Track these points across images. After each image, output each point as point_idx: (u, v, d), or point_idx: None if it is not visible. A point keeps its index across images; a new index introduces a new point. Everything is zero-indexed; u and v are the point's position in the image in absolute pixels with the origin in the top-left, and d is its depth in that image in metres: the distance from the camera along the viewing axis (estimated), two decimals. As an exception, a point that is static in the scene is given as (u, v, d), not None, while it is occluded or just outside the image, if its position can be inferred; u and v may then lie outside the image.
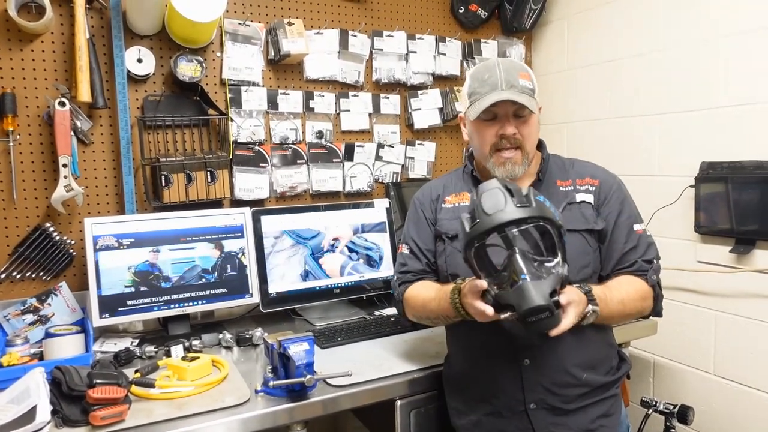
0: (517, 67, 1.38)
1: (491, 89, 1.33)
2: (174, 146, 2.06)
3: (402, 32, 2.47)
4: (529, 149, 1.39)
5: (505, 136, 1.36)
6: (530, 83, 1.36)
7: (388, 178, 2.50)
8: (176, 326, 1.91)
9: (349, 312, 2.13)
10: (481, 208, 1.13)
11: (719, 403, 2.09)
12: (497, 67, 1.36)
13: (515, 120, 1.36)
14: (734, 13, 1.98)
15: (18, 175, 1.85)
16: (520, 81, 1.34)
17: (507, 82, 1.33)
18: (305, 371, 1.35)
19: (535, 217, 1.12)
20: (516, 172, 1.38)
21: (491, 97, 1.32)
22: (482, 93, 1.35)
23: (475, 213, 1.14)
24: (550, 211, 1.15)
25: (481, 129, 1.39)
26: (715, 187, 2.01)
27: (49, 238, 1.87)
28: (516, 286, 1.09)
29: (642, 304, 1.36)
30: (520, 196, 1.13)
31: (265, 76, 2.23)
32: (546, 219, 1.13)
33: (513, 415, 1.36)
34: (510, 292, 1.10)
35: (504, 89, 1.32)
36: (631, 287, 1.35)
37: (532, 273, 1.10)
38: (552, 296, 1.09)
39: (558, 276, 1.13)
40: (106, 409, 1.28)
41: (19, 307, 1.80)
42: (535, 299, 1.07)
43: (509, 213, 1.11)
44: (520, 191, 1.15)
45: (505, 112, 1.36)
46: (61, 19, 1.88)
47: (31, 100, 1.86)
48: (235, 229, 1.99)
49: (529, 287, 1.08)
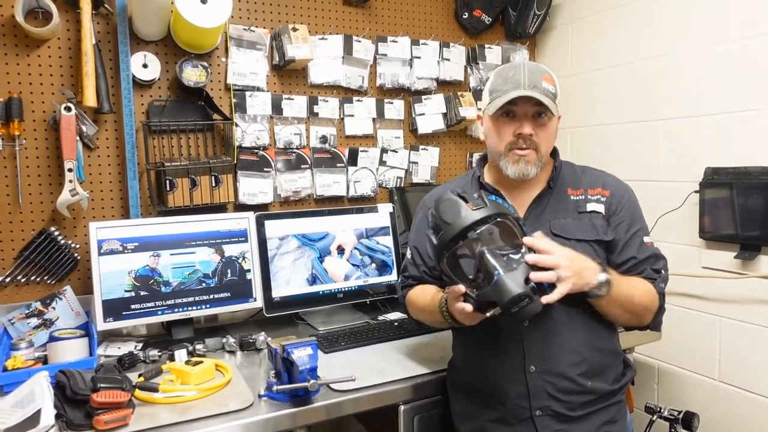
0: (542, 70, 1.39)
1: (513, 87, 1.34)
2: (179, 151, 2.07)
3: (406, 38, 2.48)
4: (543, 152, 1.39)
5: (522, 135, 1.36)
6: (553, 87, 1.37)
7: (392, 182, 2.50)
8: (180, 330, 1.91)
9: (353, 317, 2.13)
10: (441, 219, 1.23)
11: (724, 409, 2.08)
12: (522, 67, 1.37)
13: (534, 122, 1.37)
14: (739, 18, 1.98)
15: (24, 179, 1.86)
16: (543, 83, 1.34)
17: (530, 82, 1.34)
18: (309, 376, 1.35)
19: (493, 215, 1.20)
20: (528, 171, 1.37)
21: (513, 93, 1.33)
22: (504, 90, 1.35)
23: (438, 225, 1.23)
24: (504, 207, 1.25)
25: (499, 126, 1.40)
26: (720, 192, 2.01)
27: (54, 242, 1.88)
28: (492, 283, 1.16)
29: (648, 303, 1.36)
30: (474, 200, 1.22)
31: (270, 82, 2.24)
32: (502, 214, 1.22)
33: (518, 422, 1.36)
34: (488, 290, 1.17)
35: (526, 88, 1.33)
36: (642, 285, 1.36)
37: (504, 266, 1.16)
38: (527, 283, 1.15)
39: (526, 264, 1.18)
40: (109, 413, 1.28)
41: (24, 311, 1.81)
42: (512, 290, 1.13)
43: (468, 217, 1.20)
44: (473, 195, 1.24)
45: (524, 111, 1.36)
46: (67, 25, 1.90)
47: (37, 105, 1.88)
48: (239, 234, 1.99)
49: (504, 280, 1.14)
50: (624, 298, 1.31)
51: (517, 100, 1.34)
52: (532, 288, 1.15)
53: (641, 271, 1.38)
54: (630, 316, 1.36)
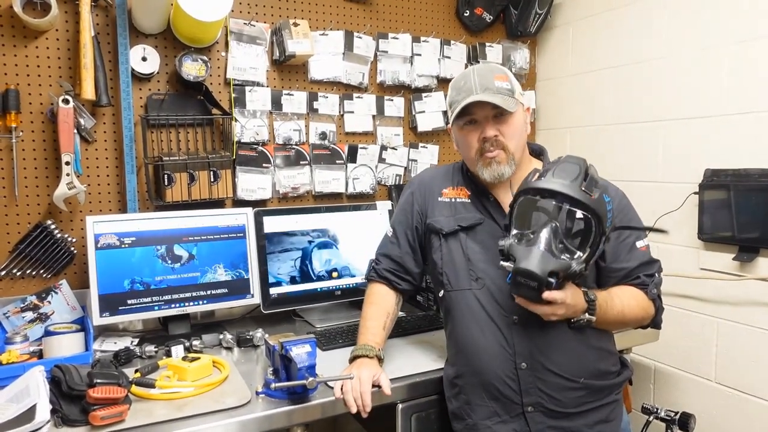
0: (493, 69, 1.41)
1: (467, 95, 1.36)
2: (177, 145, 2.06)
3: (407, 35, 2.47)
4: (513, 149, 1.40)
5: (487, 138, 1.38)
6: (507, 83, 1.38)
7: (391, 180, 2.50)
8: (176, 326, 1.90)
9: (350, 314, 2.12)
10: (553, 171, 1.21)
11: (720, 410, 2.08)
12: (472, 73, 1.40)
13: (495, 122, 1.38)
14: (739, 20, 1.98)
15: (20, 171, 1.85)
16: (495, 83, 1.36)
17: (481, 86, 1.36)
18: (307, 373, 1.34)
19: (588, 207, 1.17)
20: (503, 171, 1.39)
21: (465, 101, 1.35)
22: (459, 100, 1.38)
23: (546, 171, 1.22)
24: (605, 212, 1.20)
25: (464, 135, 1.43)
26: (719, 194, 2.01)
27: (50, 235, 1.86)
28: (529, 247, 1.17)
29: (642, 315, 1.39)
30: (591, 184, 1.19)
31: (270, 77, 2.23)
32: (596, 215, 1.18)
33: (511, 418, 1.37)
34: (522, 248, 1.18)
35: (478, 92, 1.35)
36: (633, 300, 1.37)
37: (549, 247, 1.16)
38: (551, 276, 1.14)
39: (568, 265, 1.17)
40: (106, 409, 1.27)
41: (19, 305, 1.79)
42: (533, 264, 1.14)
43: (570, 187, 1.17)
44: (595, 181, 1.20)
45: (484, 115, 1.38)
46: (66, 17, 1.88)
47: (34, 97, 1.86)
48: (237, 230, 1.98)
49: (537, 253, 1.15)
50: (612, 321, 1.35)
51: (473, 107, 1.36)
52: (548, 282, 1.15)
53: (635, 278, 1.39)
54: (623, 328, 1.41)
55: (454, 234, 1.47)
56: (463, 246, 1.45)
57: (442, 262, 1.47)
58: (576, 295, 1.24)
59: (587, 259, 1.19)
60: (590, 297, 1.27)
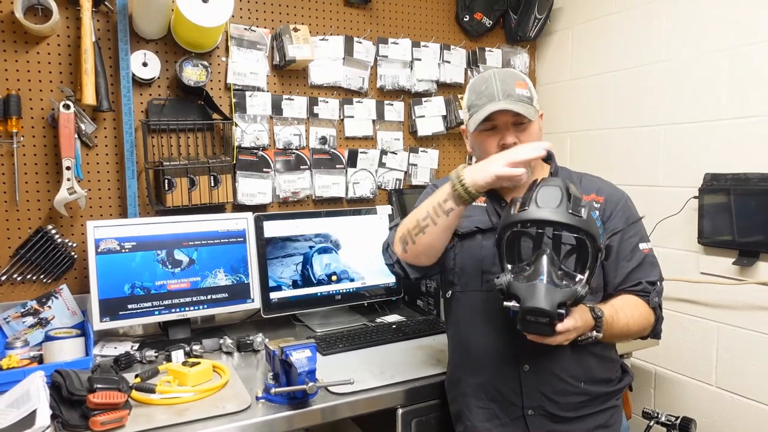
0: (514, 76, 1.39)
1: (488, 100, 1.34)
2: (178, 150, 2.06)
3: (407, 39, 2.48)
4: None
5: (506, 146, 1.35)
6: (527, 91, 1.37)
7: (391, 184, 2.50)
8: (176, 331, 1.90)
9: (350, 319, 2.13)
10: (534, 198, 1.15)
11: (721, 415, 2.08)
12: (493, 78, 1.37)
13: (515, 129, 1.36)
14: (739, 25, 1.98)
15: (21, 176, 1.85)
16: (516, 90, 1.34)
17: (504, 92, 1.34)
18: (307, 378, 1.35)
19: (580, 229, 1.13)
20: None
21: (488, 108, 1.33)
22: (480, 105, 1.35)
23: (527, 201, 1.16)
24: (596, 229, 1.15)
25: (482, 140, 1.40)
26: (719, 198, 2.01)
27: (51, 240, 1.87)
28: (531, 283, 1.12)
29: (644, 325, 1.38)
30: (576, 204, 1.14)
31: (270, 82, 2.23)
32: (589, 235, 1.14)
33: (510, 421, 1.37)
34: (523, 285, 1.13)
35: (501, 99, 1.33)
36: (636, 311, 1.36)
37: (551, 278, 1.12)
38: (560, 308, 1.10)
39: (574, 292, 1.13)
40: (106, 414, 1.27)
41: (19, 310, 1.79)
42: (542, 301, 1.09)
43: (558, 213, 1.12)
44: (578, 200, 1.16)
45: (504, 122, 1.36)
46: (67, 22, 1.88)
47: (35, 102, 1.86)
48: (237, 234, 1.98)
49: (542, 288, 1.10)
50: (617, 335, 1.33)
51: (494, 113, 1.33)
52: (560, 314, 1.11)
53: (636, 284, 1.38)
54: (626, 339, 1.40)
55: (470, 235, 1.45)
56: (479, 248, 1.44)
57: (455, 262, 1.46)
58: (584, 315, 1.23)
59: (588, 279, 1.17)
60: (597, 314, 1.26)
